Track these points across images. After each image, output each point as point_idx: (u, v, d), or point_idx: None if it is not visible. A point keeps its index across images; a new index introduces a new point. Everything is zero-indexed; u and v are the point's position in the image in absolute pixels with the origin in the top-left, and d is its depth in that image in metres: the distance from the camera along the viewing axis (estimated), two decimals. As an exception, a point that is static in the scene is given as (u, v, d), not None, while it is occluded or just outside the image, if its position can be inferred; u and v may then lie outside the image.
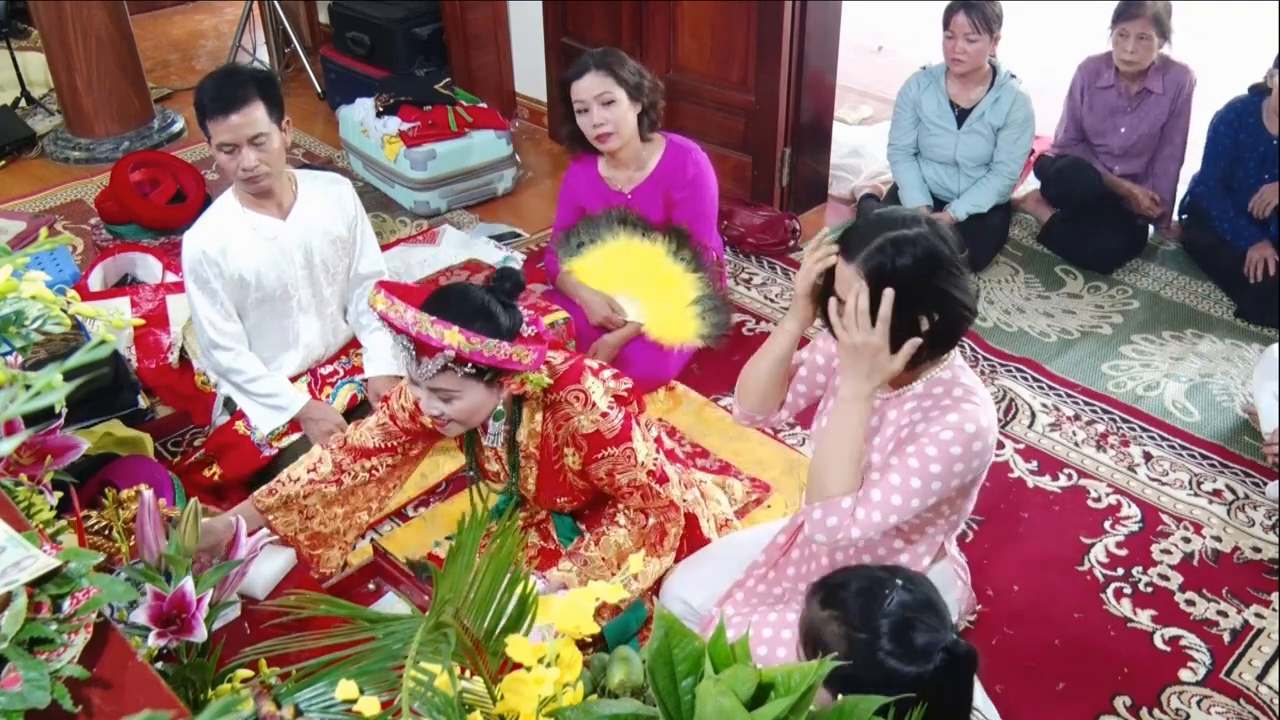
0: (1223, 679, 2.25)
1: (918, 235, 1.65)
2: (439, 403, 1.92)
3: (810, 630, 1.45)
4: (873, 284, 1.65)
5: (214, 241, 2.51)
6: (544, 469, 2.12)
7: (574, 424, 2.02)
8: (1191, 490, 2.75)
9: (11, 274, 1.36)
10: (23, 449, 1.34)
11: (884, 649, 1.37)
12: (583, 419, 2.01)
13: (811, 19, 3.65)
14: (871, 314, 1.65)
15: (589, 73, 2.81)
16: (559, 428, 2.04)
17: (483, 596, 1.01)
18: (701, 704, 0.93)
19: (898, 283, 1.63)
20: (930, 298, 1.66)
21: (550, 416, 2.05)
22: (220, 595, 1.33)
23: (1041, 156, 3.91)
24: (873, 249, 1.65)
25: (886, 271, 1.64)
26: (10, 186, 4.35)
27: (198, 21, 6.30)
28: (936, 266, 1.65)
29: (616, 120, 2.83)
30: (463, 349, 1.80)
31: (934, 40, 3.60)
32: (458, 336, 1.79)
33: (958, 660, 1.37)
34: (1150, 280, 3.68)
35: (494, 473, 2.21)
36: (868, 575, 1.47)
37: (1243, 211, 3.48)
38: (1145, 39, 3.49)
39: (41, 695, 0.96)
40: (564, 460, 2.08)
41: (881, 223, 1.68)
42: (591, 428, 2.01)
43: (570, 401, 2.01)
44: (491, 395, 1.96)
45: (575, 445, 2.05)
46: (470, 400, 1.92)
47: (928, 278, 1.65)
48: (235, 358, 2.59)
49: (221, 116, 2.38)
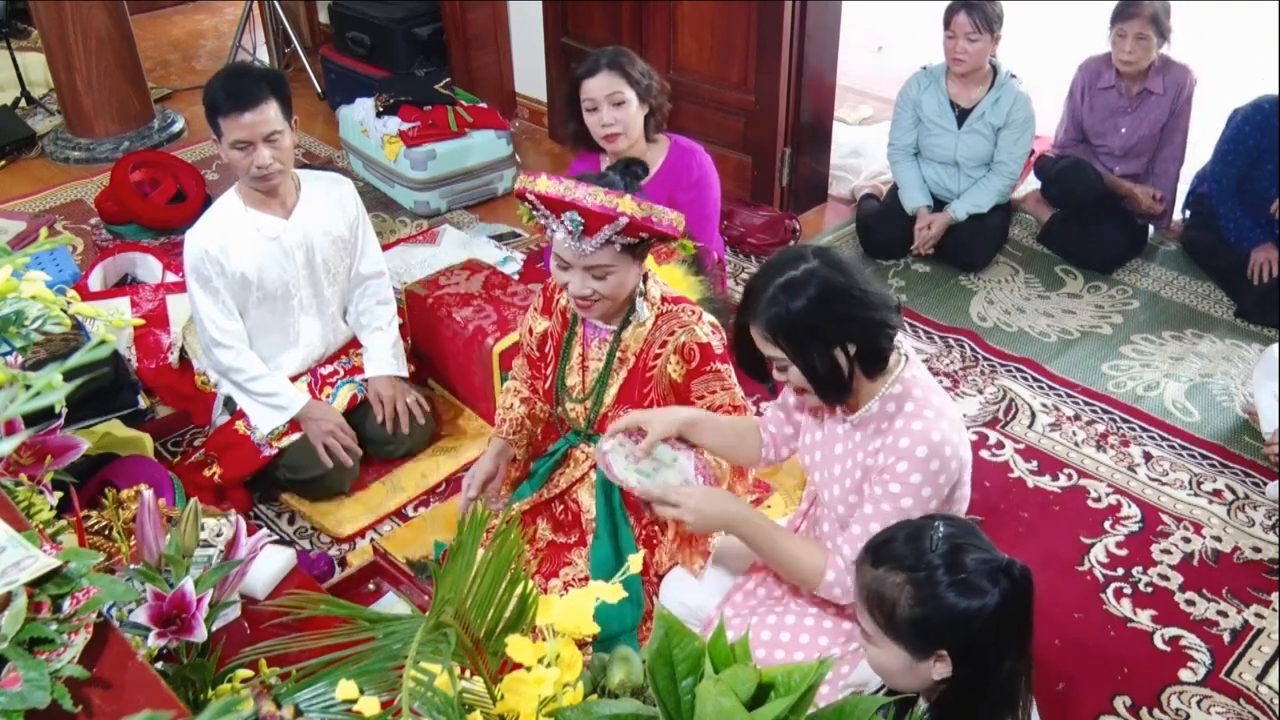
0: (1223, 679, 2.25)
1: (806, 274, 1.65)
2: (593, 281, 2.00)
3: (871, 593, 1.47)
4: (775, 335, 1.67)
5: (216, 240, 2.51)
6: (633, 376, 2.16)
7: (689, 332, 2.09)
8: (1191, 490, 2.75)
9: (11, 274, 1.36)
10: (23, 449, 1.34)
11: (943, 581, 1.41)
12: (698, 329, 2.09)
13: (811, 19, 3.65)
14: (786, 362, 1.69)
15: (601, 72, 2.79)
16: (670, 333, 2.11)
17: (483, 596, 1.01)
18: (701, 704, 0.93)
19: (800, 325, 1.65)
20: (839, 328, 1.66)
21: (660, 323, 2.13)
22: (220, 595, 1.33)
23: (1042, 157, 3.91)
24: (765, 301, 1.67)
25: (785, 319, 1.65)
26: (10, 186, 4.35)
27: (198, 21, 6.30)
28: (834, 297, 1.65)
29: (626, 121, 2.83)
30: (636, 215, 1.88)
31: (934, 40, 3.60)
32: (630, 204, 1.88)
33: (1016, 582, 1.42)
34: (1150, 280, 3.68)
35: (573, 386, 2.26)
36: (909, 524, 1.52)
37: (1249, 212, 3.47)
38: (1143, 39, 3.49)
39: (41, 695, 0.96)
40: (662, 372, 2.13)
41: (769, 272, 1.69)
42: (705, 339, 2.09)
43: (685, 313, 2.11)
44: (636, 272, 2.05)
45: (684, 355, 2.11)
46: (622, 275, 2.01)
47: (829, 311, 1.65)
48: (236, 356, 2.59)
49: (236, 114, 2.39)
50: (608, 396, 2.20)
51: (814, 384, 1.70)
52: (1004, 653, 1.44)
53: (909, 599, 1.42)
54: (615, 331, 2.16)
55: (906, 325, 3.41)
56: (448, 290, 3.05)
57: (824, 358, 1.66)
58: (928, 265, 3.75)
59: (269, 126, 2.41)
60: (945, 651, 1.43)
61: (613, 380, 2.18)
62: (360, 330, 2.83)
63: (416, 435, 2.81)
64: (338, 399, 2.74)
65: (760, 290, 1.69)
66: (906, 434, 1.70)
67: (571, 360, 2.24)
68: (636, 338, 2.14)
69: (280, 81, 2.49)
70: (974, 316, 3.49)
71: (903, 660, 1.46)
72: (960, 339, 3.34)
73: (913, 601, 1.42)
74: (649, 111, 2.88)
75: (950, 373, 3.20)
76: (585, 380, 2.22)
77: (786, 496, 2.70)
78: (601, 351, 2.18)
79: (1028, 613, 1.45)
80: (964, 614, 1.40)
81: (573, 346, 2.23)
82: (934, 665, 1.45)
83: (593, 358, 2.20)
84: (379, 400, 2.76)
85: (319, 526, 2.66)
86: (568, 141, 3.10)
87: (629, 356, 2.15)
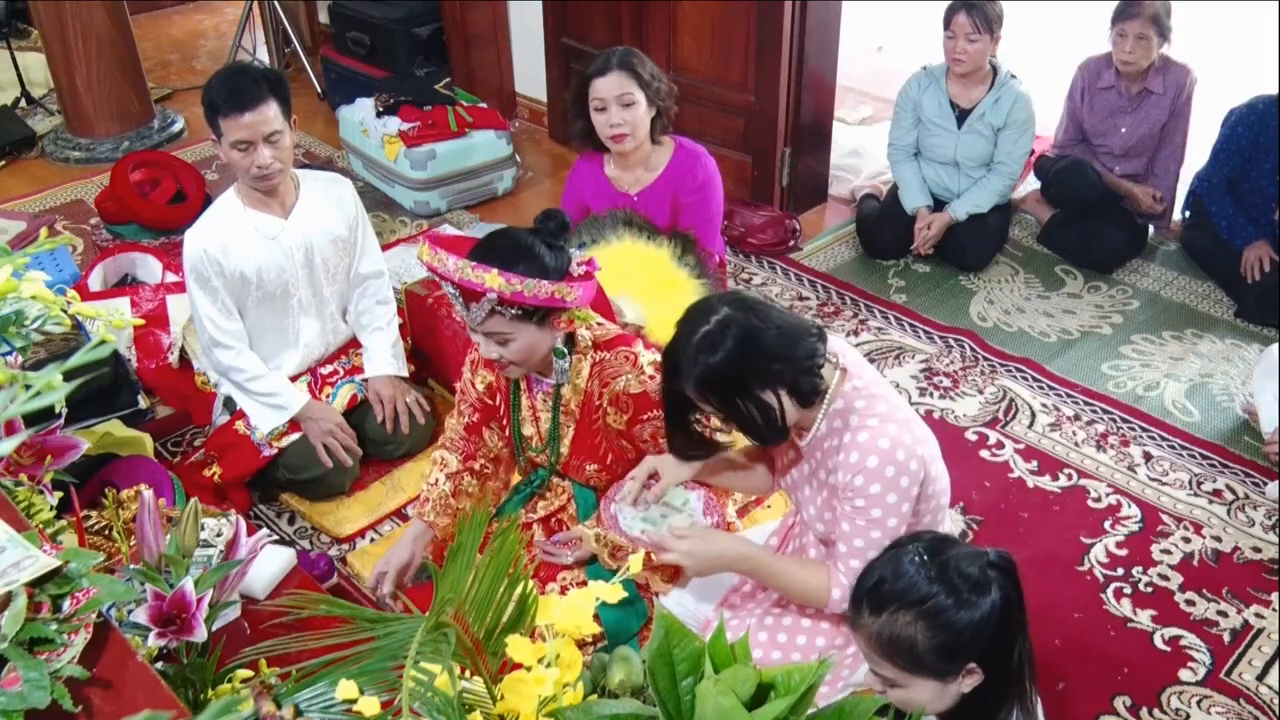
0: (1223, 679, 2.25)
1: (720, 325, 1.64)
2: (495, 346, 1.97)
3: (883, 641, 1.47)
4: (705, 394, 1.66)
5: (215, 240, 2.51)
6: (581, 428, 2.14)
7: (621, 382, 2.06)
8: (1191, 490, 2.75)
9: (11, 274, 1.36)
10: (23, 449, 1.34)
11: (948, 603, 1.42)
12: (630, 379, 2.05)
13: (811, 19, 3.65)
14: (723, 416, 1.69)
15: (612, 72, 2.78)
16: (605, 385, 2.08)
17: (483, 596, 1.01)
18: (701, 704, 0.93)
19: (725, 377, 1.63)
20: (764, 373, 1.65)
21: (597, 374, 2.09)
22: (220, 595, 1.33)
23: (1041, 157, 3.91)
24: (687, 363, 1.65)
25: (713, 376, 1.64)
26: (10, 186, 4.35)
27: (198, 21, 6.30)
28: (752, 342, 1.64)
29: (634, 122, 2.81)
30: (504, 291, 1.85)
31: (934, 40, 3.60)
32: (498, 279, 1.84)
33: (1004, 569, 1.45)
34: (1150, 280, 3.68)
35: (529, 437, 2.24)
36: (887, 560, 1.52)
37: (1243, 210, 3.48)
38: (1144, 39, 3.49)
39: (41, 695, 0.96)
40: (605, 420, 2.11)
41: (683, 332, 1.68)
42: (639, 388, 2.05)
43: (619, 361, 2.07)
44: (545, 334, 2.00)
45: (620, 406, 2.08)
46: (524, 341, 1.97)
47: (750, 358, 1.64)
48: (236, 356, 2.59)
49: (237, 114, 2.39)
50: (563, 448, 2.19)
51: (748, 432, 1.71)
52: (1015, 636, 1.47)
53: (925, 631, 1.43)
54: (555, 386, 2.13)
55: (906, 325, 3.42)
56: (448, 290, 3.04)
57: (755, 403, 1.65)
58: (928, 265, 3.75)
59: (269, 126, 2.41)
60: (973, 664, 1.44)
61: (564, 433, 2.17)
62: (360, 330, 2.83)
63: (416, 435, 2.81)
64: (337, 399, 2.74)
65: (679, 352, 1.67)
66: (855, 448, 1.68)
67: (523, 412, 2.22)
68: (575, 391, 2.11)
69: (280, 81, 2.49)
70: (974, 316, 3.49)
71: (933, 689, 1.47)
72: (960, 339, 3.34)
73: (930, 632, 1.43)
74: (656, 113, 2.88)
75: (950, 373, 3.20)
76: (540, 431, 2.20)
77: (786, 495, 2.69)
78: (547, 405, 2.16)
79: (1020, 591, 1.48)
80: (980, 622, 1.43)
81: (520, 399, 2.21)
82: (963, 680, 1.47)
83: (540, 409, 2.18)
84: (379, 400, 2.76)
85: (319, 526, 2.66)
86: (574, 140, 3.09)
87: (573, 408, 2.13)
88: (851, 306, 3.53)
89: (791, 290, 3.63)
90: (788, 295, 3.59)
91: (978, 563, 1.44)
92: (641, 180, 3.03)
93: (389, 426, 2.75)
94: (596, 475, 2.21)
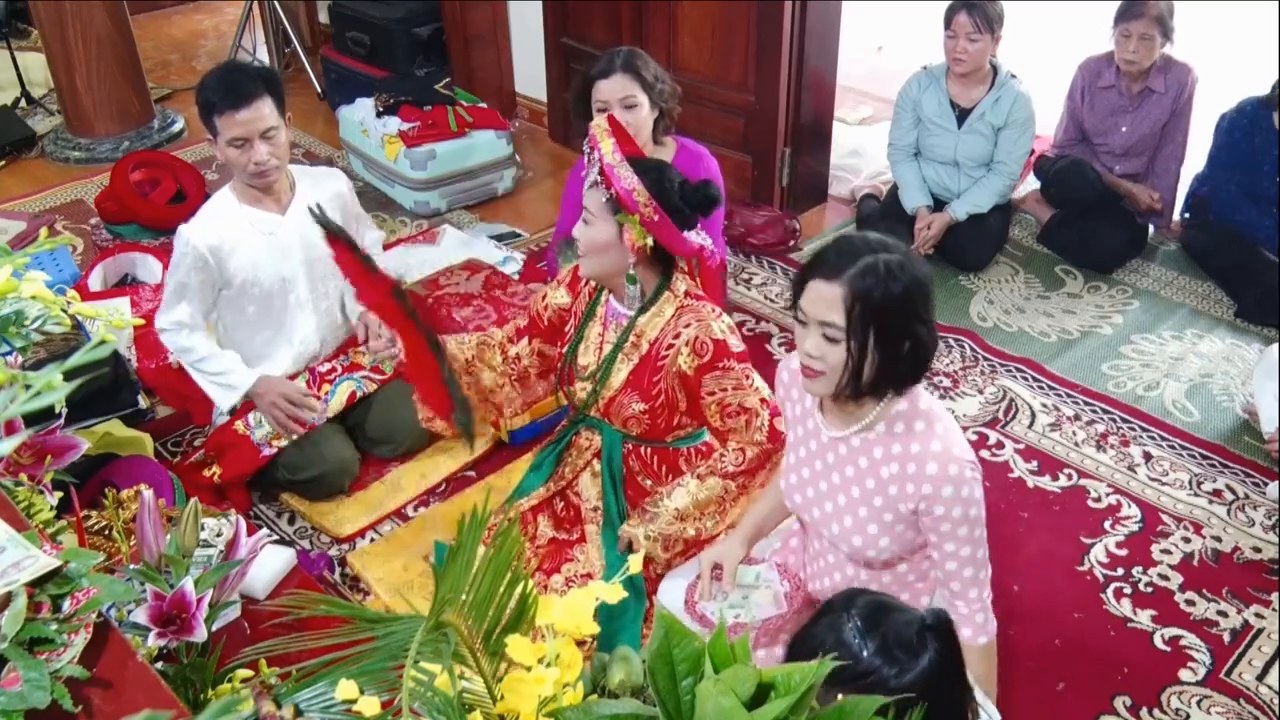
0: (1223, 679, 2.25)
1: (906, 263, 1.61)
2: (581, 224, 2.13)
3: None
4: (855, 304, 1.59)
5: (210, 237, 2.51)
6: (642, 365, 2.18)
7: (705, 327, 2.11)
8: (1191, 490, 2.75)
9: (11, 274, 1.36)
10: (23, 449, 1.34)
11: (887, 673, 1.35)
12: (714, 325, 2.12)
13: (811, 19, 3.64)
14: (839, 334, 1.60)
15: (615, 74, 2.77)
16: (686, 325, 2.13)
17: (483, 596, 1.01)
18: (701, 704, 0.93)
19: (888, 307, 1.59)
20: (912, 326, 1.62)
21: (679, 315, 2.15)
22: (220, 595, 1.33)
23: (1041, 156, 3.91)
24: (861, 269, 1.58)
25: (876, 294, 1.58)
26: (10, 186, 4.35)
27: (198, 21, 6.30)
28: (921, 297, 1.62)
29: (636, 124, 2.80)
30: (606, 160, 2.03)
31: (934, 40, 3.60)
32: (609, 146, 2.03)
33: (941, 634, 1.38)
34: (1150, 280, 3.68)
35: (584, 366, 2.27)
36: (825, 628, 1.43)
37: (1267, 213, 3.44)
38: (1148, 39, 3.49)
39: (41, 695, 0.96)
40: (673, 363, 2.14)
41: (868, 243, 1.63)
42: (721, 335, 2.11)
43: (705, 310, 2.14)
44: (615, 238, 2.09)
45: (696, 349, 2.12)
46: (597, 229, 2.10)
47: (915, 307, 1.61)
48: (187, 337, 2.58)
49: (231, 111, 2.39)
50: (615, 379, 2.21)
51: (852, 368, 1.62)
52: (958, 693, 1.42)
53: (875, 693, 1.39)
54: (631, 316, 2.18)
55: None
56: (448, 290, 3.05)
57: (884, 346, 1.60)
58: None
59: (265, 123, 2.42)
60: None
61: (622, 364, 2.20)
62: None
63: (416, 435, 2.81)
64: (336, 396, 2.74)
65: (854, 254, 1.60)
66: (931, 458, 1.65)
67: (589, 338, 2.27)
68: (653, 326, 2.17)
69: (274, 78, 2.49)
70: (974, 316, 3.49)
71: None
72: (960, 339, 3.34)
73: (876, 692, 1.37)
74: (659, 114, 2.88)
75: (950, 373, 3.20)
76: (600, 360, 2.24)
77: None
78: (617, 334, 2.21)
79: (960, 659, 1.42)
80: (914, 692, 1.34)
81: (591, 324, 2.26)
82: None
83: (609, 340, 2.23)
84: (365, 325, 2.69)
85: (319, 526, 2.66)
86: (577, 139, 3.09)
87: (642, 343, 2.18)
88: (851, 306, 3.53)
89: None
90: (788, 295, 3.59)
91: (907, 622, 1.38)
92: None
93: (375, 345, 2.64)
94: (638, 418, 2.22)
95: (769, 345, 3.35)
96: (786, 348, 3.32)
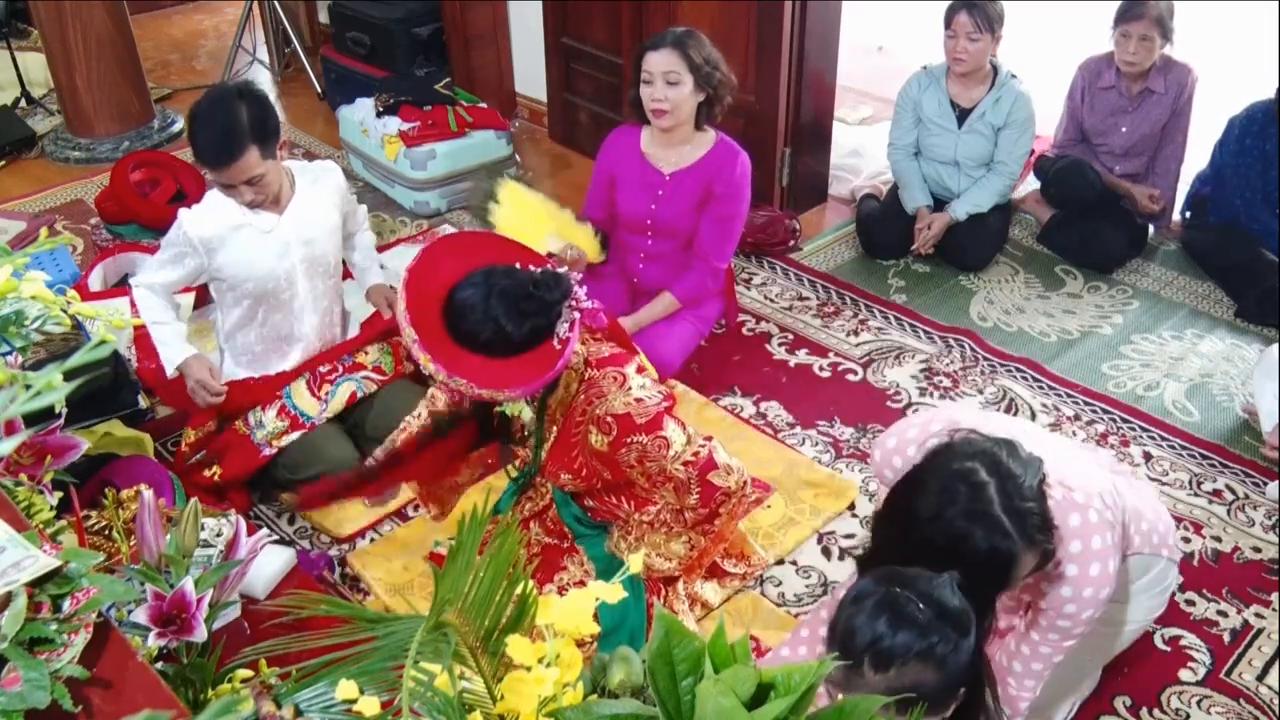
0: (1223, 679, 2.25)
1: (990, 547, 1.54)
2: None
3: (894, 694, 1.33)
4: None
5: (205, 229, 2.54)
6: (561, 438, 2.15)
7: (606, 402, 2.04)
8: (1191, 490, 2.75)
9: (11, 274, 1.36)
10: (23, 449, 1.34)
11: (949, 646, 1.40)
12: (615, 399, 2.04)
13: (811, 19, 3.64)
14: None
15: (664, 48, 2.84)
16: (589, 403, 2.07)
17: (483, 596, 1.01)
18: (701, 704, 0.93)
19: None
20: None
21: (583, 390, 2.10)
22: (220, 595, 1.33)
23: (1041, 156, 3.91)
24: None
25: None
26: (10, 186, 4.35)
27: (198, 21, 6.30)
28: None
29: (676, 101, 2.84)
30: (443, 380, 2.02)
31: (934, 40, 3.60)
32: (440, 373, 2.00)
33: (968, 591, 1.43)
34: (1150, 280, 3.68)
35: (518, 427, 2.28)
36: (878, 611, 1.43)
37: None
38: (1148, 40, 3.49)
39: (41, 695, 0.96)
40: (586, 438, 2.10)
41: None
42: (623, 409, 2.03)
43: (607, 380, 2.06)
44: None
45: (603, 427, 2.05)
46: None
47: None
48: (147, 295, 2.62)
49: (216, 168, 2.44)
50: (543, 452, 2.23)
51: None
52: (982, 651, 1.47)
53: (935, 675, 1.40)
54: (540, 396, 2.16)
55: (906, 325, 3.42)
56: (447, 290, 3.05)
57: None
58: (927, 265, 3.75)
59: (248, 174, 2.45)
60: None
61: (548, 437, 2.21)
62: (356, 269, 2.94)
63: (416, 435, 2.81)
64: (336, 396, 2.74)
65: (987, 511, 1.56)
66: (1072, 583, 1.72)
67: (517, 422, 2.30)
68: (561, 404, 2.15)
69: (261, 121, 2.44)
70: (974, 316, 3.49)
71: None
72: (960, 339, 3.34)
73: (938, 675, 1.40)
74: (706, 100, 2.89)
75: (950, 373, 3.20)
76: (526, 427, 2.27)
77: (787, 496, 2.70)
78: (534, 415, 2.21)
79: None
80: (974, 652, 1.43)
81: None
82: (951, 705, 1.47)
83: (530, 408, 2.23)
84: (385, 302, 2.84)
85: (319, 526, 2.66)
86: (626, 108, 3.12)
87: (558, 418, 2.16)
88: (851, 306, 3.53)
89: (791, 290, 3.63)
90: (788, 295, 3.59)
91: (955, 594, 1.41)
92: (676, 163, 3.03)
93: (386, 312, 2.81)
94: (571, 483, 2.22)
95: (769, 345, 3.35)
96: (787, 348, 3.32)
